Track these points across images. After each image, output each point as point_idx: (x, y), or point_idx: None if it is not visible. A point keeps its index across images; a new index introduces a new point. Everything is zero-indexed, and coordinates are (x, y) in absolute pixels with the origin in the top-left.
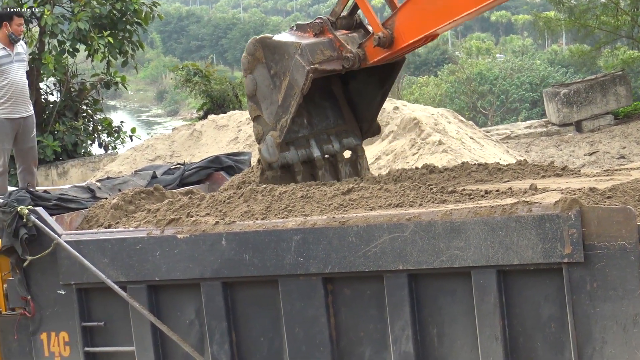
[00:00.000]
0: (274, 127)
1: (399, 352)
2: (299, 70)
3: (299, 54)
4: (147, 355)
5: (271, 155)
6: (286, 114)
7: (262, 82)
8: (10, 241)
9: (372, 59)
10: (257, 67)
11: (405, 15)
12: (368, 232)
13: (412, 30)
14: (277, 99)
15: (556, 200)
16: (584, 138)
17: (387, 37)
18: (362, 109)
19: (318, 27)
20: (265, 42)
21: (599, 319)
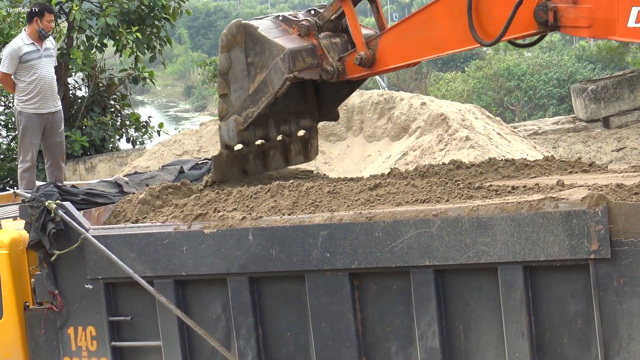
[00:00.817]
0: (239, 112)
1: (426, 347)
2: (277, 74)
3: (281, 58)
4: (174, 350)
5: (230, 139)
6: (254, 107)
7: (237, 65)
8: (38, 235)
9: (350, 74)
10: (235, 48)
11: (390, 40)
12: (395, 227)
13: (395, 57)
14: (248, 88)
15: (583, 196)
16: (611, 134)
17: (369, 58)
18: (326, 95)
19: (305, 29)
20: (249, 30)
21: (625, 315)
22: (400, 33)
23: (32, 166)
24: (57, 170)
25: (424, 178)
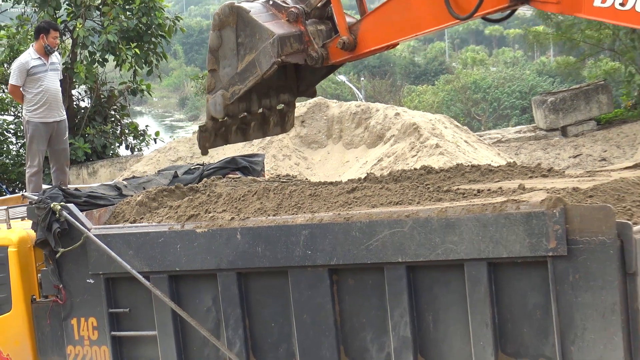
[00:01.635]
0: (226, 88)
1: (398, 336)
2: (266, 57)
3: (271, 43)
4: (168, 339)
5: (217, 111)
6: (241, 84)
7: (227, 44)
8: (44, 234)
9: (334, 59)
10: (226, 28)
11: (370, 23)
12: (370, 227)
13: (376, 39)
14: (237, 66)
15: (542, 199)
16: (568, 142)
17: (351, 42)
18: (306, 73)
19: (293, 16)
20: (241, 13)
21: (580, 308)
22: (379, 16)
23: (39, 171)
24: (62, 174)
25: (397, 182)
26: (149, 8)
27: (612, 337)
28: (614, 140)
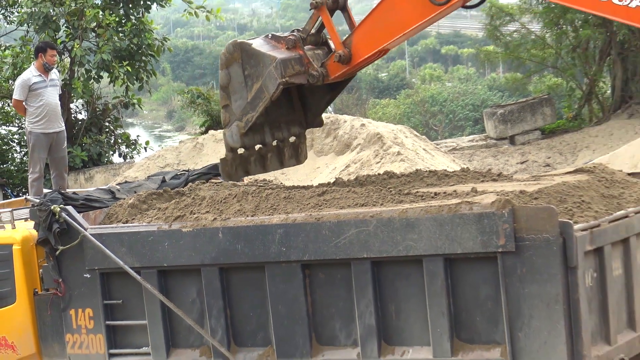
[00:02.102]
0: (240, 118)
1: (364, 324)
2: (271, 80)
3: (274, 66)
4: (157, 328)
5: (234, 142)
6: (253, 111)
7: (235, 78)
8: (45, 234)
9: (333, 74)
10: (232, 65)
11: (361, 34)
12: (338, 226)
13: (368, 46)
14: (247, 97)
15: (492, 200)
16: (516, 150)
17: (346, 55)
18: (310, 105)
19: (292, 42)
20: (244, 47)
21: (527, 298)
22: (368, 25)
23: (40, 176)
24: (61, 180)
25: (363, 186)
26: (139, 30)
27: (555, 325)
28: (557, 148)
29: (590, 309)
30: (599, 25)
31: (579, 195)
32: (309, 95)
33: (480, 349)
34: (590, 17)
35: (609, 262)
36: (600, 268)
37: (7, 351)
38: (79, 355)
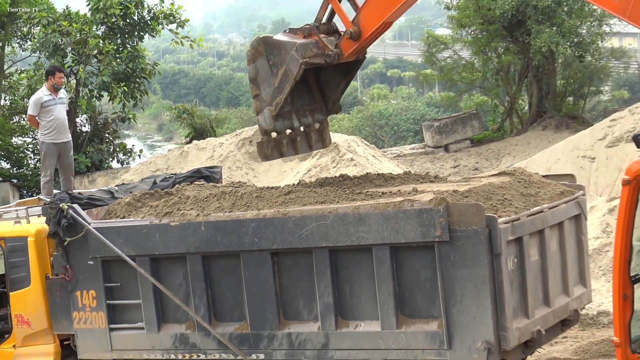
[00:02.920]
0: (270, 103)
1: (323, 303)
2: (294, 62)
3: (295, 50)
4: (150, 306)
5: (267, 124)
6: (281, 94)
7: (262, 70)
8: (55, 228)
9: (346, 51)
10: (258, 58)
11: (366, 10)
12: (301, 220)
13: (374, 20)
14: (274, 83)
15: (430, 198)
16: (449, 156)
17: (356, 32)
18: (329, 93)
19: (307, 31)
20: (266, 40)
21: (459, 280)
22: (371, 3)
23: (51, 179)
24: (68, 182)
25: (322, 187)
26: (134, 56)
27: (483, 302)
28: (484, 155)
29: (512, 288)
30: (518, 52)
31: (502, 194)
32: (325, 85)
33: (420, 322)
34: (511, 45)
35: (527, 250)
36: (520, 254)
37: (24, 326)
38: (84, 330)
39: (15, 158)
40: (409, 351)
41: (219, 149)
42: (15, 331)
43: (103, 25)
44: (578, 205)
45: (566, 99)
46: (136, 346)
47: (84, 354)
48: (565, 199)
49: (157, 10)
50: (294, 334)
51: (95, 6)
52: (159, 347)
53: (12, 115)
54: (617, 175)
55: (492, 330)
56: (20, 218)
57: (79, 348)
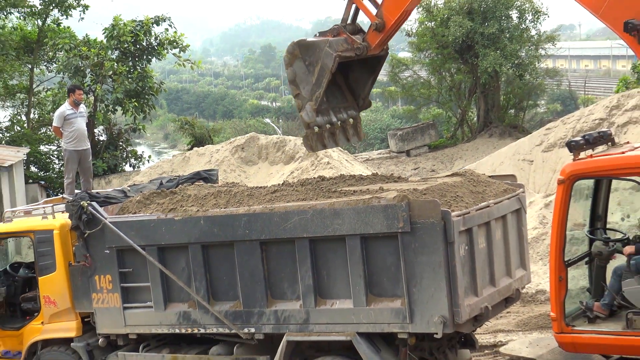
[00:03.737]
0: (310, 99)
1: (304, 284)
2: (328, 57)
3: (328, 45)
4: (157, 288)
5: (310, 118)
6: (319, 89)
7: (299, 71)
8: (76, 222)
9: (373, 43)
10: (295, 61)
11: (388, 2)
12: (285, 215)
13: (395, 11)
14: (312, 80)
15: (394, 196)
16: (411, 160)
17: (381, 23)
18: (358, 91)
19: (335, 30)
20: (301, 43)
21: (419, 265)
22: None
23: (73, 181)
24: (88, 184)
25: (303, 186)
26: (143, 76)
27: (439, 283)
28: (439, 159)
29: (463, 272)
30: (468, 72)
31: (454, 192)
32: (354, 84)
33: (386, 300)
34: (462, 66)
35: (476, 238)
36: (470, 243)
37: (50, 306)
38: (101, 308)
39: (42, 163)
40: (377, 325)
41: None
42: (43, 310)
43: (117, 50)
44: (519, 201)
45: (508, 111)
46: (146, 322)
47: (102, 329)
48: (507, 195)
49: (162, 38)
50: (280, 311)
51: (110, 34)
52: (166, 322)
53: (40, 126)
54: (551, 175)
55: (447, 306)
56: (47, 214)
57: (97, 324)
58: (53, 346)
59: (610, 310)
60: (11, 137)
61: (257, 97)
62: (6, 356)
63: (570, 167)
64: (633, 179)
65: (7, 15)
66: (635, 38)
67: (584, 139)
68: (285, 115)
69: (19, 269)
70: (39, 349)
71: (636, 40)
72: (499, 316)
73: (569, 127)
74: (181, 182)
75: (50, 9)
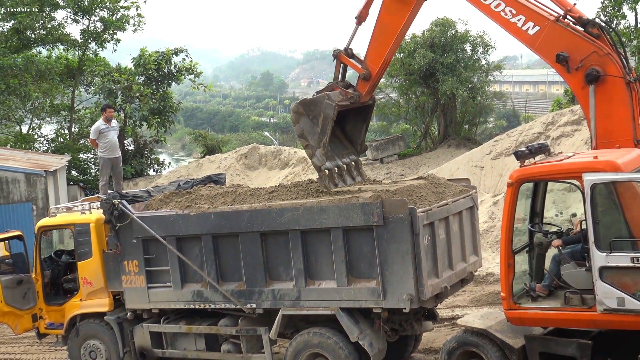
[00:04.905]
0: (318, 146)
1: (296, 268)
2: (329, 107)
3: (327, 98)
4: (176, 271)
5: (321, 162)
6: (325, 135)
7: (305, 125)
8: (109, 217)
9: (363, 91)
10: (300, 118)
11: (369, 55)
12: (281, 211)
13: (377, 60)
14: (317, 130)
15: (370, 195)
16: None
17: (367, 73)
18: (355, 138)
19: (330, 87)
20: (303, 102)
21: (390, 252)
22: (371, 46)
23: (106, 183)
24: (119, 185)
25: (296, 187)
26: (164, 97)
27: (407, 267)
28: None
29: (427, 258)
30: (430, 94)
31: (419, 192)
32: (350, 132)
33: (364, 281)
34: (425, 89)
35: (437, 230)
36: (432, 234)
37: (87, 286)
38: (130, 288)
39: (81, 168)
40: (356, 301)
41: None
42: (82, 289)
43: (143, 75)
44: (472, 200)
45: (464, 126)
46: (166, 299)
47: (130, 305)
48: (463, 195)
49: (180, 65)
50: (276, 290)
51: (137, 62)
52: (182, 300)
53: (80, 138)
54: (498, 179)
55: (414, 286)
56: (85, 210)
57: (126, 301)
58: (89, 319)
59: (549, 291)
60: (55, 147)
61: (258, 114)
62: (51, 327)
63: (517, 172)
64: (569, 181)
65: (53, 47)
66: (564, 67)
67: (528, 149)
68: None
69: (61, 255)
70: (77, 321)
71: (565, 69)
72: (455, 294)
73: (513, 139)
74: (195, 184)
75: (88, 42)
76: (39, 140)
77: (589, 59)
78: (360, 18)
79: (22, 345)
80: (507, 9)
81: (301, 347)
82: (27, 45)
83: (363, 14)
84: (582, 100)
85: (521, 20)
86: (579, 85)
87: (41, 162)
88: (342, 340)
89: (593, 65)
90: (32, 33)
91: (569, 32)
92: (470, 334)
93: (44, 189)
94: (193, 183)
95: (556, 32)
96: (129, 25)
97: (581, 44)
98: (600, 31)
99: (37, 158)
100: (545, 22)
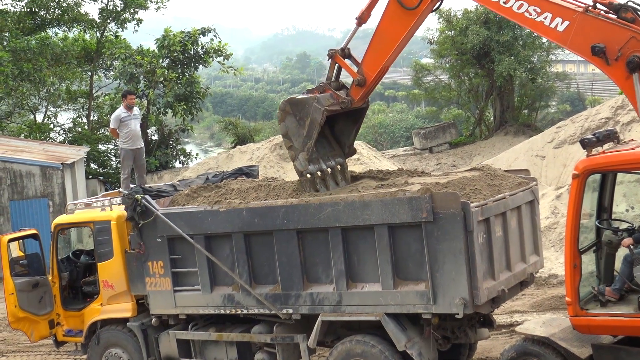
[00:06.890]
0: (302, 150)
1: (337, 269)
2: (317, 112)
3: (316, 101)
4: (204, 273)
5: (303, 167)
6: (310, 140)
7: (291, 125)
8: (131, 213)
9: (356, 97)
10: (287, 117)
11: (367, 60)
12: (320, 206)
13: (373, 67)
14: (303, 133)
15: (418, 189)
16: (433, 156)
17: (362, 79)
18: (343, 140)
19: (321, 88)
20: (291, 101)
21: (441, 251)
22: (370, 52)
23: (128, 177)
24: (142, 179)
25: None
26: (191, 82)
27: (460, 268)
28: (459, 155)
29: (482, 257)
30: (485, 76)
31: (473, 185)
32: (340, 134)
33: (412, 284)
34: (479, 70)
35: (493, 227)
36: (488, 231)
37: (108, 289)
38: (154, 291)
39: (101, 161)
40: (404, 306)
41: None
42: (102, 293)
43: (167, 58)
44: (532, 193)
45: (522, 112)
46: (194, 303)
47: (155, 310)
48: (522, 188)
49: (208, 47)
50: (315, 294)
51: (161, 44)
52: (212, 304)
53: (99, 128)
54: (562, 170)
55: (467, 289)
56: (105, 206)
57: (151, 305)
58: (111, 325)
59: (620, 295)
60: (73, 137)
61: None
62: (69, 334)
63: (584, 162)
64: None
65: (69, 28)
66: (603, 60)
67: (595, 136)
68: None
69: (80, 255)
70: (98, 327)
71: (604, 62)
72: (514, 298)
73: (578, 125)
74: (225, 177)
75: (107, 22)
76: (55, 130)
77: (628, 46)
78: (361, 19)
79: (39, 353)
80: (531, 8)
81: (343, 356)
82: (41, 26)
83: (365, 16)
84: (628, 91)
85: (548, 17)
86: (622, 76)
87: (57, 153)
88: (388, 350)
89: (634, 51)
90: (47, 13)
91: (601, 22)
92: (530, 342)
93: (60, 183)
94: (223, 176)
95: (587, 23)
96: (151, 3)
97: (617, 31)
98: (635, 14)
99: (53, 149)
100: (573, 15)
